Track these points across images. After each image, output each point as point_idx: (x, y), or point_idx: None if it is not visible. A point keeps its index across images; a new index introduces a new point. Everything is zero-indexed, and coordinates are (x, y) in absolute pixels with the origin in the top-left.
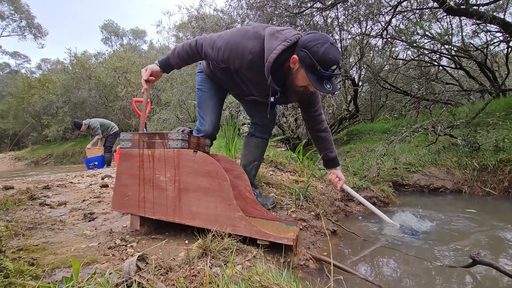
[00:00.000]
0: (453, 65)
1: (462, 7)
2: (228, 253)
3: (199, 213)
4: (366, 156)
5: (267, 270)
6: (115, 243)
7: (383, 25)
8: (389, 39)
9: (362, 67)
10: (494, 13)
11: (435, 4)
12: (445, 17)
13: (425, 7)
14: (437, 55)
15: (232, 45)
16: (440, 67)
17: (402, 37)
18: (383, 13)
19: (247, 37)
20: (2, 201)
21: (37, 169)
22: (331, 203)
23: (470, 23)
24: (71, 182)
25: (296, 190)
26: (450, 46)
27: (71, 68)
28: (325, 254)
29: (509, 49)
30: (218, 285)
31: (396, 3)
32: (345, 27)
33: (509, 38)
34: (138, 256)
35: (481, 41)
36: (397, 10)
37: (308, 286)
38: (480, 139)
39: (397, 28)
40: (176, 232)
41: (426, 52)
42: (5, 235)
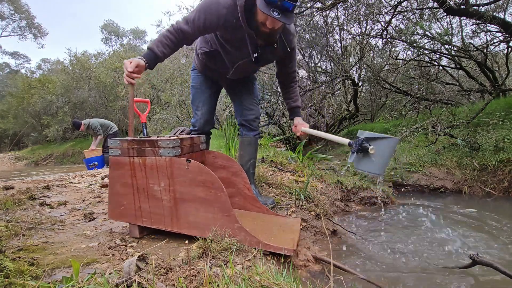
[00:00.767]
0: (453, 65)
1: (462, 7)
2: (228, 253)
3: (197, 223)
4: None
5: (267, 270)
6: (115, 243)
7: (383, 25)
8: (389, 39)
9: (362, 67)
10: (494, 13)
11: (435, 4)
12: (445, 17)
13: (425, 7)
14: (437, 55)
15: (206, 7)
16: (440, 67)
17: (402, 37)
18: (383, 13)
19: None
20: (2, 201)
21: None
22: (331, 203)
23: (470, 23)
24: (71, 182)
25: (296, 190)
26: (450, 46)
27: (71, 68)
28: (325, 254)
29: (509, 49)
30: (218, 285)
31: (396, 3)
32: (345, 27)
33: (509, 38)
34: (138, 256)
35: (481, 41)
36: (397, 10)
37: (308, 286)
38: (480, 139)
39: (397, 28)
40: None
41: (426, 52)
42: (5, 235)
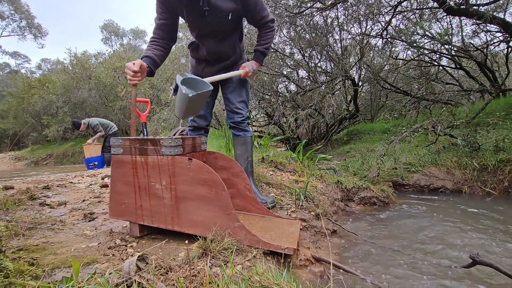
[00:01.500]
0: (453, 65)
1: (462, 7)
2: (228, 253)
3: (198, 221)
4: (366, 156)
5: (267, 270)
6: (115, 243)
7: (383, 25)
8: (389, 39)
9: (362, 67)
10: (494, 13)
11: (435, 4)
12: (445, 17)
13: (425, 7)
14: (437, 55)
15: None
16: (440, 67)
17: (402, 37)
18: (383, 13)
19: None
20: (2, 201)
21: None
22: (331, 203)
23: (470, 23)
24: (71, 182)
25: (296, 190)
26: (450, 46)
27: (71, 68)
28: (325, 254)
29: (509, 49)
30: (218, 285)
31: (396, 3)
32: (345, 27)
33: (509, 38)
34: (138, 256)
35: (481, 41)
36: (397, 10)
37: (308, 286)
38: (480, 139)
39: (397, 28)
40: (176, 232)
41: (426, 52)
42: (5, 235)
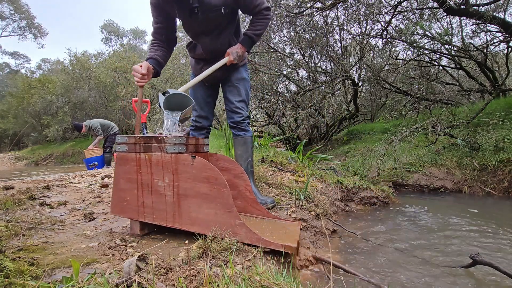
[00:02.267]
0: (453, 65)
1: (462, 7)
2: (228, 253)
3: (199, 219)
4: (366, 156)
5: (267, 270)
6: (115, 243)
7: (383, 25)
8: (389, 39)
9: (362, 67)
10: (494, 13)
11: (435, 4)
12: (445, 17)
13: (425, 7)
14: (437, 55)
15: None
16: (440, 67)
17: (402, 37)
18: (383, 13)
19: None
20: (2, 201)
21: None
22: (331, 203)
23: (470, 23)
24: (71, 182)
25: (296, 190)
26: (450, 46)
27: (71, 68)
28: (325, 254)
29: (509, 49)
30: (218, 285)
31: (396, 3)
32: (345, 27)
33: (509, 38)
34: (138, 256)
35: (481, 41)
36: (397, 10)
37: (308, 286)
38: (480, 139)
39: (397, 28)
40: (176, 232)
41: (426, 52)
42: (5, 235)
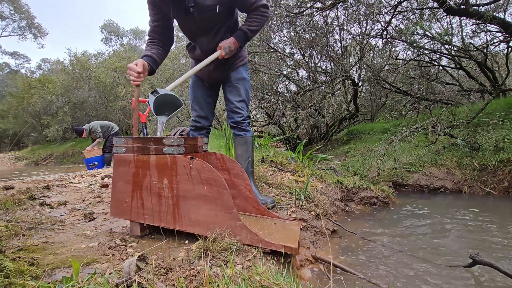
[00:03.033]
0: (453, 65)
1: (462, 7)
2: (228, 253)
3: (199, 221)
4: (366, 156)
5: (267, 270)
6: (115, 243)
7: (383, 25)
8: (389, 39)
9: (362, 67)
10: (494, 13)
11: (435, 4)
12: (445, 17)
13: (425, 7)
14: (437, 55)
15: None
16: (440, 67)
17: (402, 37)
18: (383, 13)
19: None
20: (2, 201)
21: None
22: (331, 203)
23: (470, 23)
24: (71, 182)
25: (296, 190)
26: (450, 46)
27: (71, 68)
28: (325, 254)
29: (509, 49)
30: (218, 285)
31: (396, 3)
32: (345, 27)
33: (509, 38)
34: (138, 256)
35: (481, 41)
36: (397, 10)
37: (308, 286)
38: (480, 139)
39: (397, 28)
40: (176, 232)
41: (426, 52)
42: (5, 235)
